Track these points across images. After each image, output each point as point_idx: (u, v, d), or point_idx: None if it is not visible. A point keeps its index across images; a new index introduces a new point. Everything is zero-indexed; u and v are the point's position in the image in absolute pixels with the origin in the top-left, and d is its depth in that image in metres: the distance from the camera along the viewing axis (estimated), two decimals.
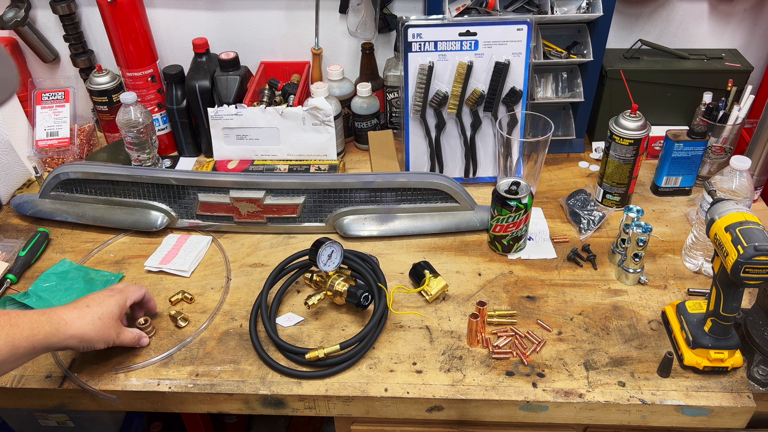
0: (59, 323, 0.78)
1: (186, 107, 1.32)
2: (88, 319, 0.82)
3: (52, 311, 0.80)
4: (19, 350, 0.73)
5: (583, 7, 1.22)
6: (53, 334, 0.77)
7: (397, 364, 0.90)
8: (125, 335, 0.88)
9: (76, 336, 0.80)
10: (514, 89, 1.17)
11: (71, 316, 0.80)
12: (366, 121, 1.36)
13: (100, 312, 0.84)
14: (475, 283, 1.04)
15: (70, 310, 0.82)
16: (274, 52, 1.45)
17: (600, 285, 1.03)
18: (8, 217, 1.22)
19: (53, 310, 0.80)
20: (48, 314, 0.78)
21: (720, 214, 0.81)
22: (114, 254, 1.12)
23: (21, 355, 0.74)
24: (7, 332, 0.72)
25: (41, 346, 0.76)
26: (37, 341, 0.75)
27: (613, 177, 1.15)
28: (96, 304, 0.84)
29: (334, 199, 1.13)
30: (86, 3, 1.37)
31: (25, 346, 0.74)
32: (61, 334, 0.78)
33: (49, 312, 0.79)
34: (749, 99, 1.17)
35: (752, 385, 0.86)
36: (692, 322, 0.88)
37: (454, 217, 1.14)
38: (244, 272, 1.07)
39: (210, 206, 1.13)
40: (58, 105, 1.33)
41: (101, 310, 0.84)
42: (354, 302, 0.94)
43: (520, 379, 0.88)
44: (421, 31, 1.12)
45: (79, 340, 0.80)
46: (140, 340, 0.92)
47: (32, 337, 0.75)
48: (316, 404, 0.88)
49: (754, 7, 1.34)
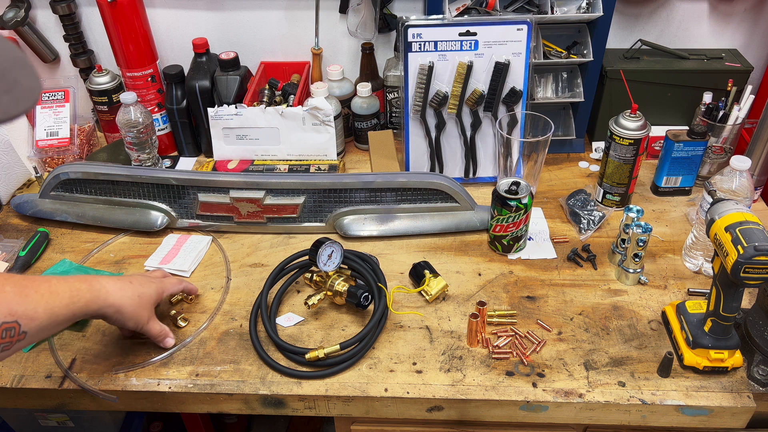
0: (100, 290, 0.80)
1: (186, 107, 1.32)
2: (129, 293, 0.83)
3: (94, 279, 0.81)
4: (58, 317, 0.74)
5: (583, 7, 1.22)
6: (92, 301, 0.78)
7: (397, 364, 0.90)
8: (154, 324, 0.89)
9: (114, 305, 0.81)
10: (514, 89, 1.17)
11: (113, 286, 0.82)
12: (366, 121, 1.36)
13: (140, 291, 0.85)
14: (475, 283, 1.04)
15: (113, 280, 0.83)
16: (274, 52, 1.45)
17: (600, 285, 1.03)
18: (8, 217, 1.22)
19: (95, 278, 0.81)
20: (89, 282, 0.80)
21: (720, 214, 0.81)
22: (114, 254, 1.12)
23: (60, 321, 0.75)
24: (47, 300, 0.73)
25: (80, 313, 0.77)
26: (77, 308, 0.76)
27: (613, 177, 1.15)
28: (138, 283, 0.86)
29: (334, 199, 1.13)
30: (86, 3, 1.37)
31: (65, 314, 0.75)
32: (101, 301, 0.80)
33: (91, 279, 0.80)
34: (749, 99, 1.17)
35: (752, 385, 0.86)
36: (692, 322, 0.88)
37: (454, 217, 1.14)
38: (244, 272, 1.07)
39: (210, 206, 1.13)
40: (58, 105, 1.33)
41: (142, 290, 0.86)
42: (354, 302, 0.94)
43: (520, 379, 0.88)
44: (421, 31, 1.12)
45: (116, 311, 0.82)
46: (165, 338, 0.92)
47: (72, 305, 0.76)
48: (316, 404, 0.88)
49: (754, 7, 1.34)
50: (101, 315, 0.81)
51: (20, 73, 0.52)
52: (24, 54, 0.56)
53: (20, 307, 0.70)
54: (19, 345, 0.70)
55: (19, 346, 0.70)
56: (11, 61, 0.52)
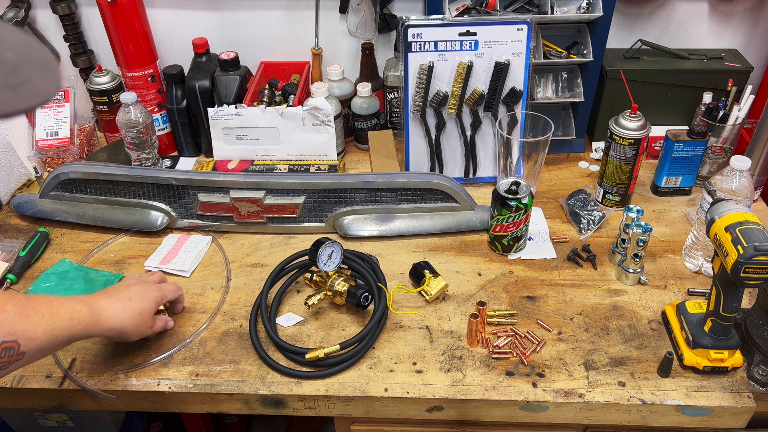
0: (100, 314, 0.79)
1: (186, 107, 1.32)
2: (129, 313, 0.83)
3: (94, 301, 0.80)
4: (57, 339, 0.74)
5: (583, 7, 1.22)
6: (93, 325, 0.78)
7: (397, 364, 0.90)
8: (157, 326, 0.91)
9: (116, 329, 0.81)
10: (514, 89, 1.17)
11: (113, 308, 0.81)
12: (366, 121, 1.36)
13: (140, 307, 0.85)
14: (475, 283, 1.04)
15: (112, 301, 0.82)
16: (274, 52, 1.45)
17: (600, 285, 1.03)
18: (8, 217, 1.22)
19: (95, 300, 0.81)
20: (90, 304, 0.79)
21: (720, 214, 0.80)
22: (114, 254, 1.12)
23: (59, 343, 0.75)
24: (47, 321, 0.73)
25: (81, 335, 0.77)
26: (77, 331, 0.76)
27: (613, 177, 1.15)
28: (138, 299, 0.86)
29: (334, 199, 1.13)
30: (86, 3, 1.37)
31: (64, 335, 0.75)
32: (102, 325, 0.79)
33: (91, 302, 0.79)
34: (749, 99, 1.17)
35: (752, 385, 0.86)
36: (692, 322, 0.88)
37: (454, 217, 1.14)
38: (244, 272, 1.07)
39: (210, 206, 1.13)
40: (58, 105, 1.33)
41: (142, 305, 0.85)
42: (354, 302, 0.94)
43: (520, 379, 0.88)
44: (421, 31, 1.12)
45: (118, 333, 0.82)
46: (166, 324, 0.94)
47: (72, 327, 0.75)
48: (316, 404, 0.88)
49: (754, 7, 1.34)
50: (103, 336, 0.82)
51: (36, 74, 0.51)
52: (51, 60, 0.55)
53: (21, 326, 0.70)
54: (16, 365, 0.69)
55: (17, 366, 0.69)
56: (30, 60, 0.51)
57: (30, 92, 0.50)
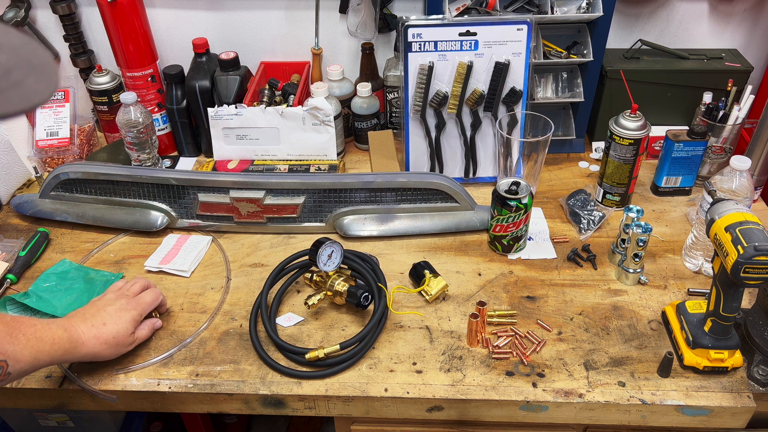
0: (77, 340, 0.81)
1: (186, 107, 1.32)
2: (103, 338, 0.85)
3: (72, 326, 0.82)
4: (39, 363, 0.76)
5: (583, 7, 1.22)
6: (70, 351, 0.80)
7: (397, 364, 0.90)
8: (141, 336, 0.91)
9: (91, 353, 0.84)
10: (514, 89, 1.17)
11: (87, 334, 0.83)
12: (366, 121, 1.36)
13: (115, 330, 0.86)
14: (475, 283, 1.04)
15: (87, 327, 0.84)
16: (274, 52, 1.45)
17: (600, 285, 1.03)
18: (8, 217, 1.22)
19: (73, 325, 0.82)
20: (68, 330, 0.81)
21: (720, 214, 0.81)
22: (114, 254, 1.12)
23: (39, 367, 0.77)
24: (32, 345, 0.75)
25: (59, 360, 0.80)
26: (56, 356, 0.78)
27: (613, 177, 1.15)
28: (113, 322, 0.86)
29: (334, 199, 1.13)
30: (86, 3, 1.37)
31: (45, 360, 0.77)
32: (77, 351, 0.82)
33: (69, 328, 0.81)
34: (749, 99, 1.17)
35: (752, 385, 0.86)
36: (692, 322, 0.88)
37: (454, 217, 1.14)
38: (244, 272, 1.07)
39: (210, 206, 1.13)
40: (58, 105, 1.33)
41: (116, 329, 0.86)
42: (354, 302, 0.94)
43: (520, 379, 0.88)
44: (421, 31, 1.12)
45: (93, 357, 0.85)
46: (154, 326, 0.95)
47: (53, 352, 0.78)
48: (316, 404, 0.88)
49: (754, 7, 1.34)
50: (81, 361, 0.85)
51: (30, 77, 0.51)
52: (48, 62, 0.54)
53: (10, 347, 0.72)
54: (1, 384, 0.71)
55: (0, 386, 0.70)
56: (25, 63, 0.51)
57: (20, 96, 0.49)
